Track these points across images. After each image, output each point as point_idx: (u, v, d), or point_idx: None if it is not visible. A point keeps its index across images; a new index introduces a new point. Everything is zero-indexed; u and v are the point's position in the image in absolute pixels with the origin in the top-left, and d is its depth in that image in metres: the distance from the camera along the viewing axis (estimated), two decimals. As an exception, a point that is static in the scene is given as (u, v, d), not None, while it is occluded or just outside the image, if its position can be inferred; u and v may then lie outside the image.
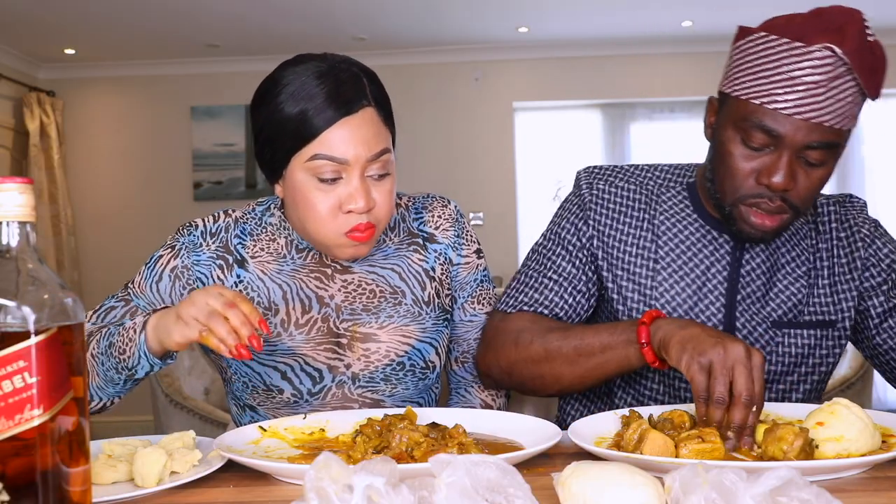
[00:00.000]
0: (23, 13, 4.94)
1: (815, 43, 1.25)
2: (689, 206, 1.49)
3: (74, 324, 0.80)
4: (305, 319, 1.41)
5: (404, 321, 1.43)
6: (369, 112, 1.32)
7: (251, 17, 5.14)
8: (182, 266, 1.41)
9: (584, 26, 5.60)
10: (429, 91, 6.08)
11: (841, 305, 1.46)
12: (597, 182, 1.52)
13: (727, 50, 1.40)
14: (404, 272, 1.46)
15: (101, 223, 6.20)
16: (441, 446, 1.07)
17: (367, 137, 1.30)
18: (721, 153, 1.36)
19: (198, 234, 1.43)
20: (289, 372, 1.40)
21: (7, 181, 0.79)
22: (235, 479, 1.07)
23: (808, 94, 1.26)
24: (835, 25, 1.26)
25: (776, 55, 1.28)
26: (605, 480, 0.85)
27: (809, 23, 1.28)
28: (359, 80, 1.33)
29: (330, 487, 0.75)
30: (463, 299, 1.52)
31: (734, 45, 1.37)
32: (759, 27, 1.34)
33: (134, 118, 6.21)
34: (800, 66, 1.26)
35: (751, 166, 1.32)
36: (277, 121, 1.31)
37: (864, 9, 1.33)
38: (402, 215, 1.51)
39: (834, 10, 1.29)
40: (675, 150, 6.06)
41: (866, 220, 1.50)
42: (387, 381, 1.42)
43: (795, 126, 1.27)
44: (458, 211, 1.54)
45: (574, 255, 1.48)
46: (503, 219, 6.10)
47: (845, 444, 1.04)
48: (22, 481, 0.76)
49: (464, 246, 1.51)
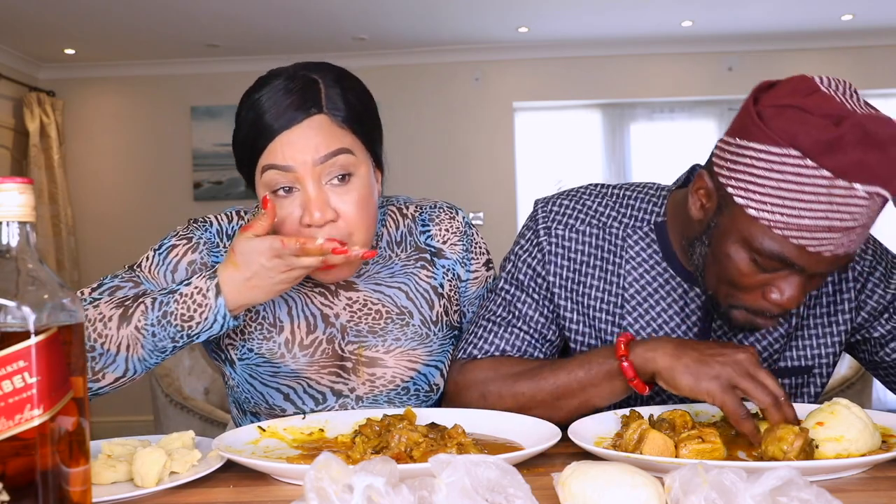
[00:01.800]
0: (23, 13, 4.94)
1: (863, 183, 1.05)
2: (657, 253, 1.36)
3: (74, 324, 0.80)
4: (310, 340, 1.37)
5: (411, 344, 1.39)
6: (318, 119, 1.25)
7: (251, 17, 5.14)
8: (201, 262, 1.36)
9: (584, 26, 5.60)
10: (429, 91, 6.07)
11: (820, 351, 1.37)
12: (556, 227, 1.39)
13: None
14: (412, 291, 1.41)
15: (101, 223, 6.20)
16: (440, 446, 1.07)
17: (314, 143, 1.24)
18: (723, 263, 1.19)
19: (214, 233, 1.39)
20: (292, 394, 1.37)
21: (7, 181, 0.79)
22: (235, 479, 1.07)
23: (843, 234, 1.10)
24: (885, 160, 1.05)
25: (812, 188, 1.07)
26: (605, 480, 0.85)
27: (854, 151, 1.05)
28: (310, 89, 1.27)
29: (330, 487, 0.75)
30: (471, 314, 1.48)
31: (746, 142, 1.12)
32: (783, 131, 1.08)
33: (134, 118, 6.21)
34: (840, 210, 1.07)
35: (758, 280, 1.18)
36: (239, 141, 1.31)
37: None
38: (408, 228, 1.45)
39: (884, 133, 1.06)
40: (675, 150, 6.06)
41: (867, 248, 1.39)
42: (390, 403, 1.39)
43: (819, 259, 1.12)
44: (467, 222, 1.48)
45: (539, 304, 1.39)
46: (503, 219, 6.10)
47: (845, 445, 1.04)
48: (22, 481, 0.76)
49: (472, 260, 1.46)
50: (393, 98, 6.03)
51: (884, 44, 5.74)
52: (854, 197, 1.06)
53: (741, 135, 1.13)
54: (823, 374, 1.39)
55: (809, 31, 5.70)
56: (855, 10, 5.30)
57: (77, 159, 6.20)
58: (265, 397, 1.38)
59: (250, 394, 1.39)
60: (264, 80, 1.31)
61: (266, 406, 1.39)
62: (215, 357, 1.42)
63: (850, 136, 1.05)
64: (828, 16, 5.41)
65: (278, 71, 1.32)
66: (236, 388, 1.41)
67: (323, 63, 1.34)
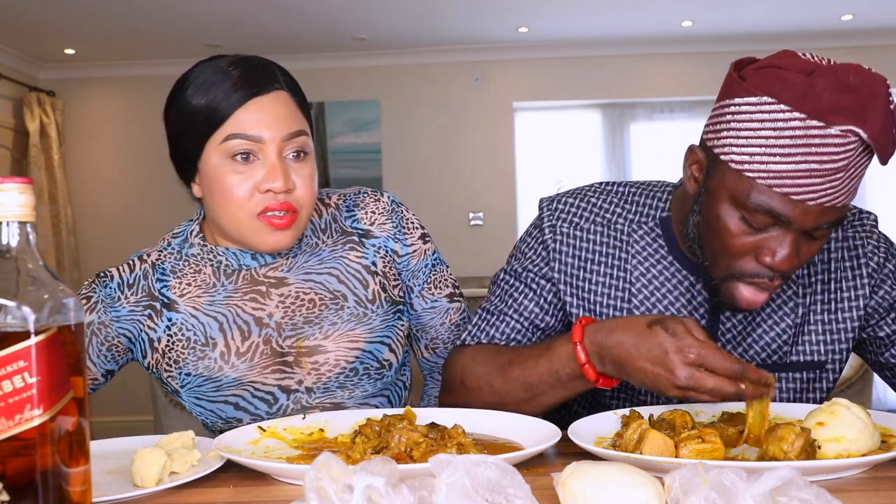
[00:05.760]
0: (23, 13, 4.94)
1: (836, 124, 1.08)
2: (663, 247, 1.37)
3: (74, 324, 0.80)
4: (246, 346, 1.37)
5: (349, 325, 1.39)
6: (282, 95, 1.32)
7: (251, 17, 5.14)
8: (99, 322, 1.37)
9: (584, 26, 5.60)
10: (429, 91, 6.07)
11: (833, 346, 1.36)
12: (561, 225, 1.40)
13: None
14: (343, 274, 1.42)
15: (101, 223, 6.20)
16: (440, 446, 1.07)
17: (281, 117, 1.30)
18: (715, 227, 1.21)
19: (114, 287, 1.38)
20: (241, 402, 1.37)
21: (7, 181, 0.79)
22: (235, 479, 1.07)
23: (824, 180, 1.11)
24: (858, 101, 1.09)
25: (789, 132, 1.10)
26: (605, 480, 0.85)
27: (827, 94, 1.09)
28: (269, 68, 1.34)
29: (330, 487, 0.75)
30: (419, 287, 1.48)
31: (728, 100, 1.17)
32: (760, 83, 1.14)
33: (134, 118, 6.21)
34: (818, 151, 1.10)
35: (750, 243, 1.19)
36: (188, 112, 1.31)
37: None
38: (332, 215, 1.47)
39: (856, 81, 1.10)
40: (675, 150, 6.05)
41: (879, 244, 1.38)
42: (342, 388, 1.39)
43: (806, 210, 1.14)
44: (394, 201, 1.49)
45: (538, 294, 1.39)
46: (503, 219, 6.10)
47: (846, 445, 1.04)
48: (22, 481, 0.76)
49: (407, 235, 1.47)
50: (393, 98, 6.04)
51: (884, 44, 5.74)
52: (829, 136, 1.09)
53: (723, 97, 1.19)
54: (836, 369, 1.38)
55: (809, 31, 5.70)
56: (855, 10, 5.29)
57: (77, 159, 6.19)
58: (217, 413, 1.38)
59: (204, 415, 1.40)
60: (207, 61, 1.35)
61: (222, 421, 1.39)
62: (166, 390, 1.43)
63: (823, 83, 1.09)
64: (828, 16, 5.41)
65: (217, 56, 1.36)
66: (192, 413, 1.42)
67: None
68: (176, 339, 1.37)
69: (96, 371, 1.39)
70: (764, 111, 1.12)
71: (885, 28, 5.67)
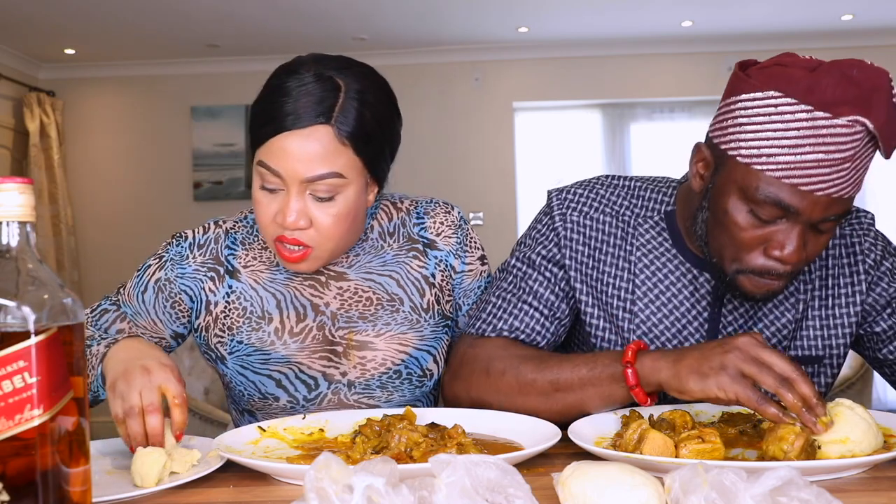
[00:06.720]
0: (23, 13, 4.94)
1: (842, 114, 1.11)
2: (667, 241, 1.39)
3: (74, 324, 0.80)
4: (300, 328, 1.40)
5: (402, 329, 1.41)
6: (323, 130, 1.25)
7: (251, 17, 5.14)
8: (165, 278, 1.41)
9: (584, 26, 5.60)
10: (429, 91, 6.07)
11: (830, 342, 1.37)
12: (570, 213, 1.42)
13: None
14: (402, 279, 1.44)
15: (101, 223, 6.20)
16: (440, 446, 1.07)
17: (309, 156, 1.25)
18: (723, 222, 1.23)
19: (186, 246, 1.42)
20: (284, 380, 1.39)
21: (7, 181, 0.79)
22: (235, 479, 1.07)
23: (832, 170, 1.13)
24: (862, 93, 1.12)
25: (796, 123, 1.13)
26: (605, 480, 0.85)
27: (832, 87, 1.12)
28: (328, 96, 1.26)
29: (330, 488, 0.75)
30: (468, 307, 1.49)
31: (734, 97, 1.20)
32: (766, 80, 1.17)
33: (134, 118, 6.22)
34: (825, 142, 1.12)
35: (758, 236, 1.21)
36: (252, 115, 1.33)
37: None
38: (402, 220, 1.48)
39: (860, 75, 1.14)
40: (675, 150, 6.06)
41: (876, 242, 1.39)
42: (383, 389, 1.41)
43: (814, 201, 1.15)
44: (462, 217, 1.50)
45: (552, 283, 1.40)
46: (503, 219, 6.10)
47: (850, 446, 1.03)
48: (22, 481, 0.76)
49: (468, 253, 1.48)
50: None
51: (884, 44, 5.74)
52: (836, 126, 1.11)
53: (729, 94, 1.21)
54: (834, 364, 1.39)
55: (809, 31, 5.70)
56: (855, 10, 5.30)
57: (77, 159, 6.20)
58: (257, 386, 1.39)
59: (243, 385, 1.41)
60: (296, 67, 1.31)
61: (259, 396, 1.40)
62: (207, 357, 1.43)
63: (827, 77, 1.13)
64: (828, 16, 5.41)
65: (311, 62, 1.31)
66: (230, 383, 1.43)
67: (358, 68, 1.33)
68: (233, 307, 1.41)
69: (164, 330, 1.43)
70: (771, 104, 1.14)
71: (885, 28, 5.67)
